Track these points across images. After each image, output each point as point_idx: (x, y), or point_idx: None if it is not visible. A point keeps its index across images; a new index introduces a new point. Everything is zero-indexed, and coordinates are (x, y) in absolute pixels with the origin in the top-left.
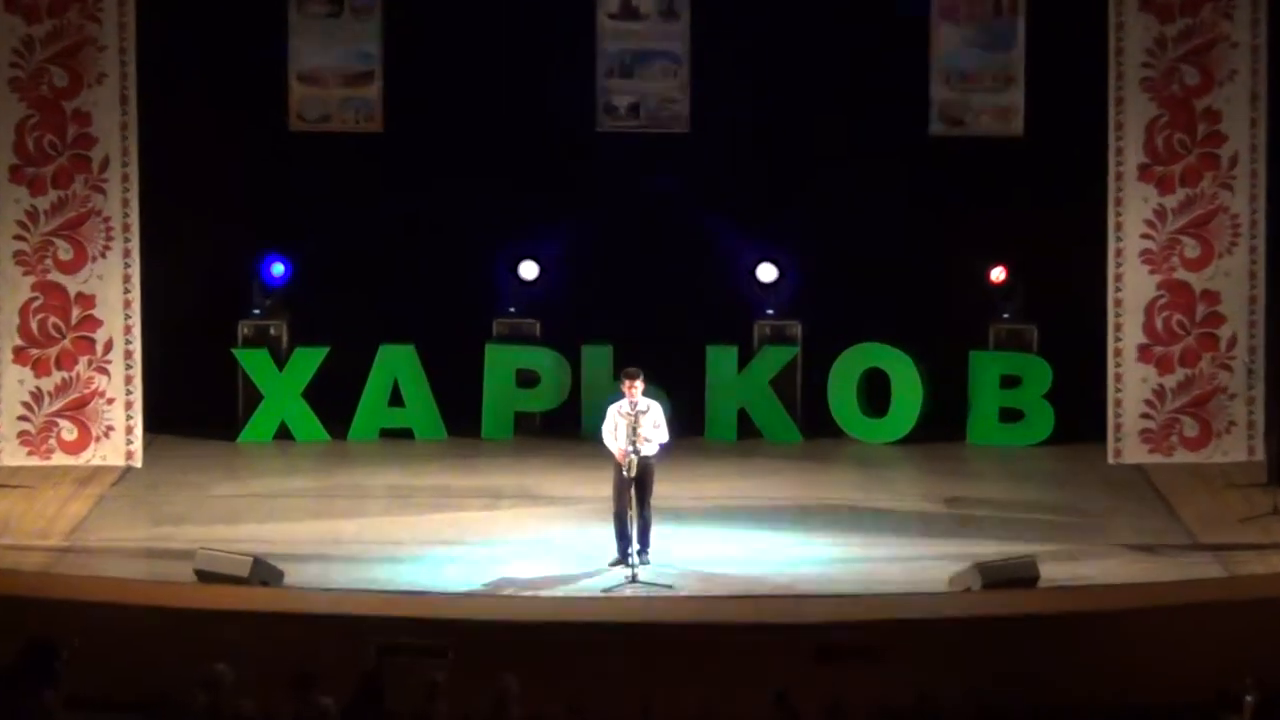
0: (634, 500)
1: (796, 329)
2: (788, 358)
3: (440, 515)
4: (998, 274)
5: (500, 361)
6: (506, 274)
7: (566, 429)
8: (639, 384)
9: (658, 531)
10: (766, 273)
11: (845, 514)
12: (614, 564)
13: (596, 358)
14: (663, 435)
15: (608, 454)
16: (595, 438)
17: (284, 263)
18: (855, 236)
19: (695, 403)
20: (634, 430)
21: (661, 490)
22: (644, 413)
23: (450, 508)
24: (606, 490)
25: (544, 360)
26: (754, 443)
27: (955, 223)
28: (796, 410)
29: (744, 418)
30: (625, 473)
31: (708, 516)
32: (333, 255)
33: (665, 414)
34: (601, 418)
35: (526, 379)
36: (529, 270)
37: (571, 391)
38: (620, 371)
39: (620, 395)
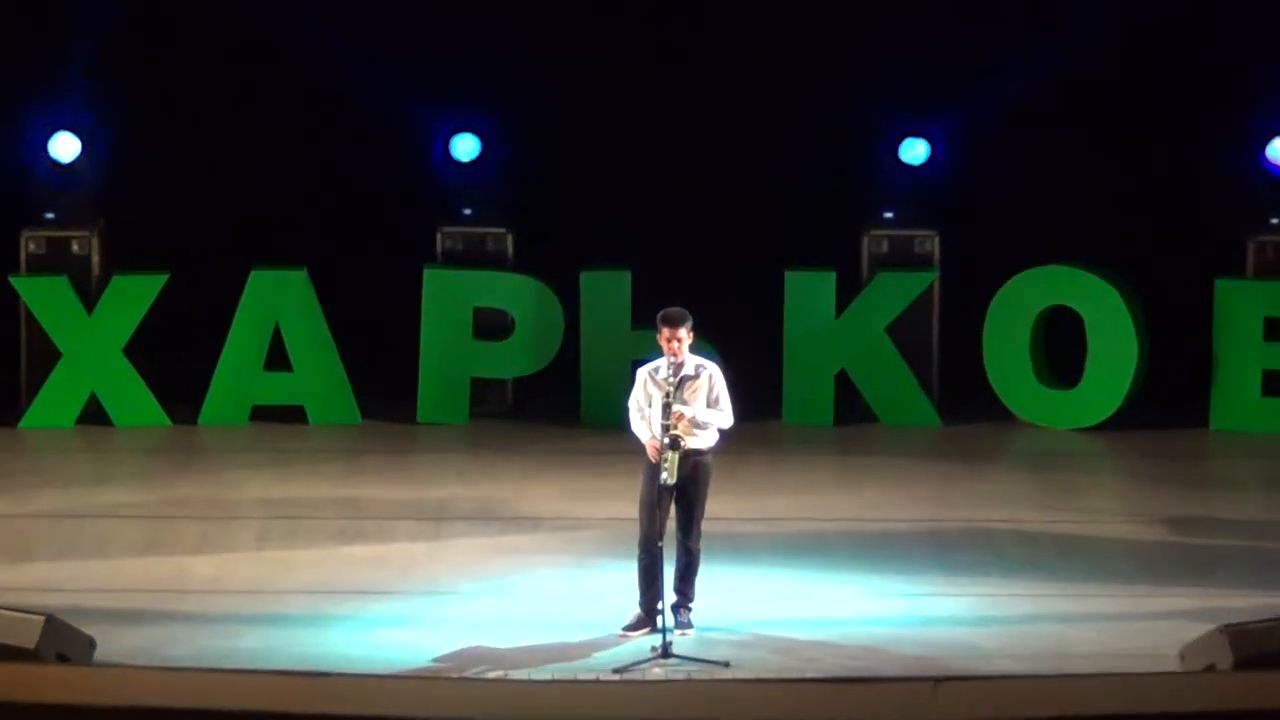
0: (673, 523)
1: (932, 243)
2: (918, 290)
3: (351, 548)
4: None
5: (447, 297)
6: (452, 152)
7: (555, 409)
8: (685, 334)
9: (706, 573)
10: (913, 151)
11: (1010, 545)
12: (634, 627)
13: (604, 291)
14: (724, 417)
15: (623, 448)
16: (606, 422)
17: (89, 137)
18: (1029, 89)
19: (767, 365)
20: (664, 407)
21: (709, 507)
22: (692, 379)
23: (366, 535)
24: (615, 507)
25: (519, 295)
26: (862, 430)
27: (1186, 65)
28: (932, 376)
29: (845, 387)
30: (662, 478)
31: (785, 549)
32: (169, 123)
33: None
34: (623, 390)
35: (490, 326)
36: (466, 147)
37: (564, 347)
38: (658, 315)
39: (650, 354)
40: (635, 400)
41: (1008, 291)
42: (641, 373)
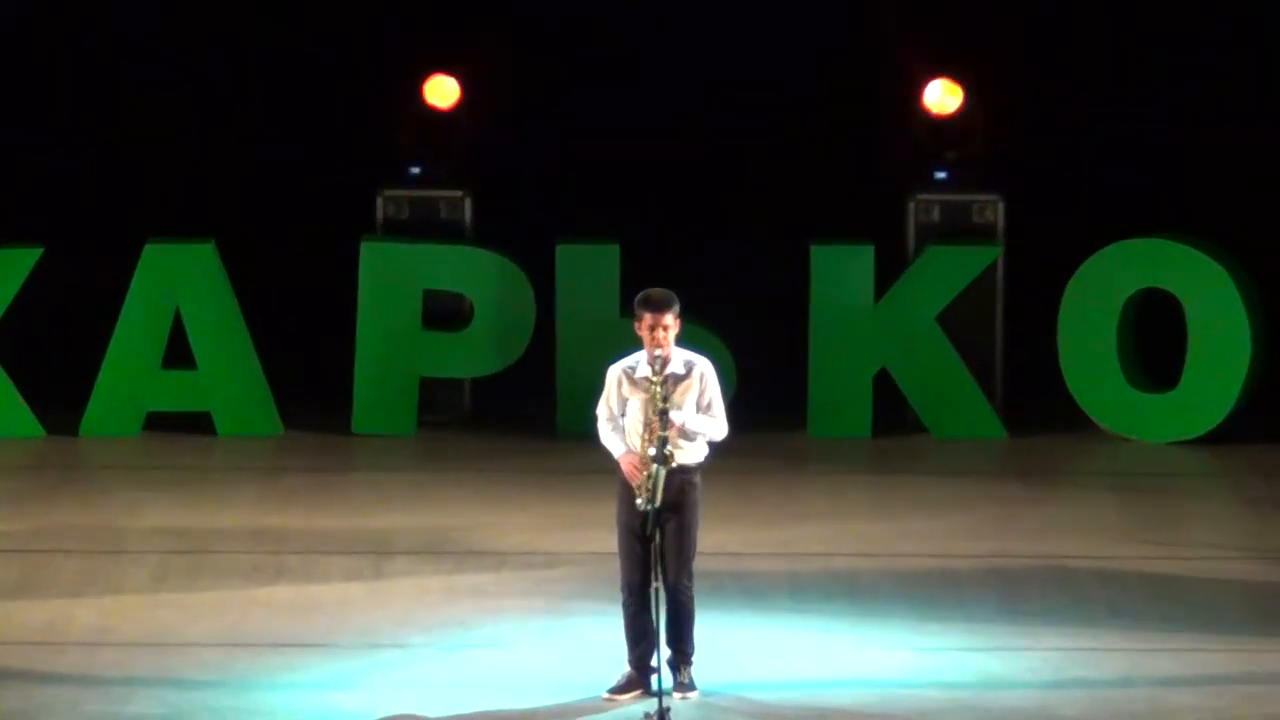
0: (659, 561)
1: (996, 209)
2: (977, 268)
3: (270, 590)
4: None
5: (390, 277)
6: (400, 100)
7: (524, 417)
8: (672, 321)
9: (711, 622)
10: (943, 96)
11: (1093, 587)
12: (623, 689)
13: (586, 269)
14: (717, 426)
15: (607, 466)
16: (587, 433)
17: None
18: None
19: (789, 363)
20: (660, 415)
21: (716, 539)
22: (682, 378)
23: (289, 574)
24: (598, 539)
25: (479, 274)
26: (907, 443)
27: None
28: (995, 376)
29: (886, 390)
30: (641, 503)
31: (810, 592)
32: (46, 64)
33: (725, 384)
34: (595, 394)
35: (442, 311)
36: (441, 92)
37: (535, 339)
38: (635, 298)
39: (633, 348)
40: (606, 406)
41: (1090, 270)
42: (614, 372)
